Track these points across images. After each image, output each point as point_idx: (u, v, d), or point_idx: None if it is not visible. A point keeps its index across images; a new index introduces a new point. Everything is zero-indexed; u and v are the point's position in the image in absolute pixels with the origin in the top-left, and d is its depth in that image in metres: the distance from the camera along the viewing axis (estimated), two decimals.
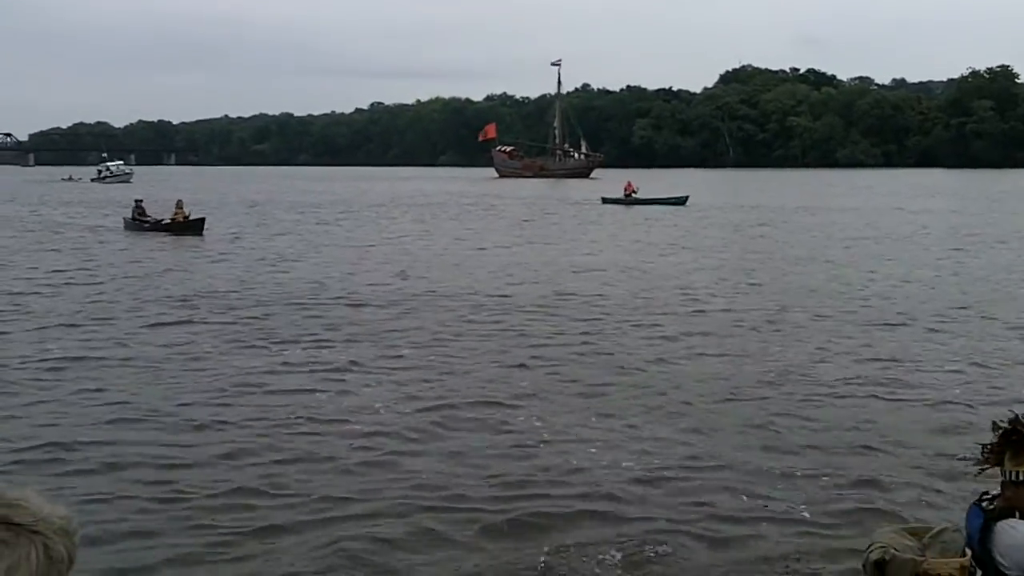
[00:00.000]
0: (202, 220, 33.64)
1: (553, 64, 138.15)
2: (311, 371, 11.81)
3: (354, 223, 39.76)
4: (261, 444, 8.85)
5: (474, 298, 17.89)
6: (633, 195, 51.91)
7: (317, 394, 10.73)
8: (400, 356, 12.72)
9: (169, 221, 33.56)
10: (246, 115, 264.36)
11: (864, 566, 4.41)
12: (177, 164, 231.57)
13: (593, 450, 8.66)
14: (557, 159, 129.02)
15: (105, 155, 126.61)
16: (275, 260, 24.82)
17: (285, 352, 12.93)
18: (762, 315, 15.87)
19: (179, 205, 34.42)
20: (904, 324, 14.88)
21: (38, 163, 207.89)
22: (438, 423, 9.54)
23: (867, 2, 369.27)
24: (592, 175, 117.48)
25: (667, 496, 7.53)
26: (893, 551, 4.29)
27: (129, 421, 9.53)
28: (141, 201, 36.43)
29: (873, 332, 14.22)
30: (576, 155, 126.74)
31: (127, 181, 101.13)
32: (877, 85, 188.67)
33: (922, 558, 4.23)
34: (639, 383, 11.18)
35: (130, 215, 35.78)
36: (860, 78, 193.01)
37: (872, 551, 4.36)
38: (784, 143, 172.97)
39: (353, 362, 12.29)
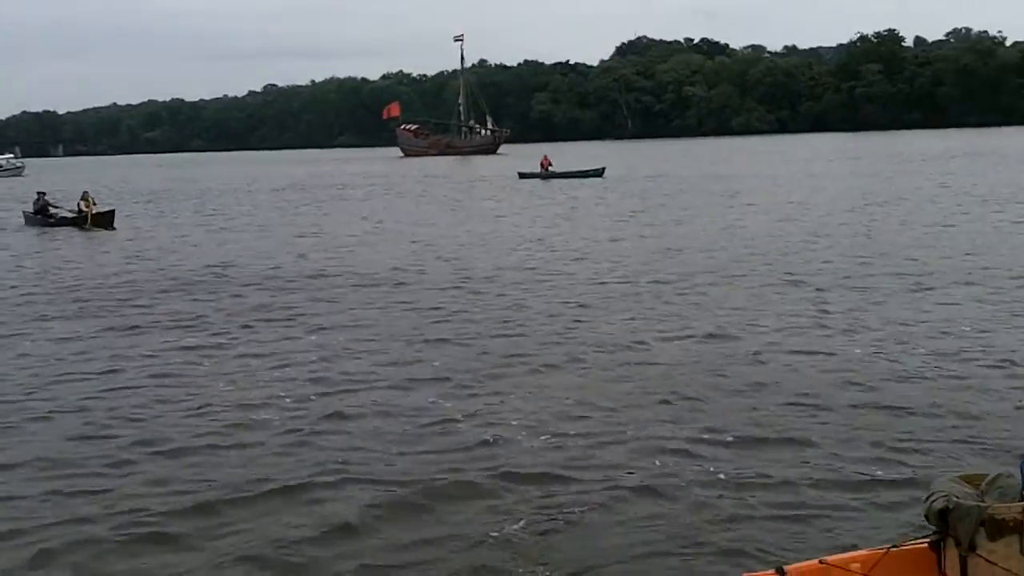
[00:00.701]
0: (112, 212, 32.17)
1: (456, 39, 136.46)
2: (213, 357, 11.55)
3: (272, 208, 38.83)
4: (160, 435, 8.46)
5: (401, 276, 17.79)
6: (550, 169, 51.84)
7: (221, 381, 10.44)
8: (300, 338, 12.48)
9: (76, 214, 31.77)
10: (135, 102, 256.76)
11: (927, 515, 4.31)
12: (65, 155, 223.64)
13: (505, 424, 8.46)
14: (464, 136, 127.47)
15: None
16: (183, 247, 24.42)
17: (190, 339, 12.63)
18: (706, 279, 16.00)
19: (85, 196, 32.44)
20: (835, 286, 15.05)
21: None
22: (350, 405, 9.26)
23: None
24: (499, 151, 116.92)
25: (574, 467, 7.32)
26: (955, 499, 4.21)
27: None
28: (44, 194, 34.05)
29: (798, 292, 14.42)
30: (482, 131, 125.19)
31: (19, 175, 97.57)
32: (769, 53, 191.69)
33: (986, 504, 4.15)
34: (551, 356, 11.02)
35: (31, 209, 33.80)
36: (753, 46, 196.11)
37: (935, 500, 4.28)
38: (681, 113, 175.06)
39: (257, 346, 12.09)
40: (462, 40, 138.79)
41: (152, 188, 58.16)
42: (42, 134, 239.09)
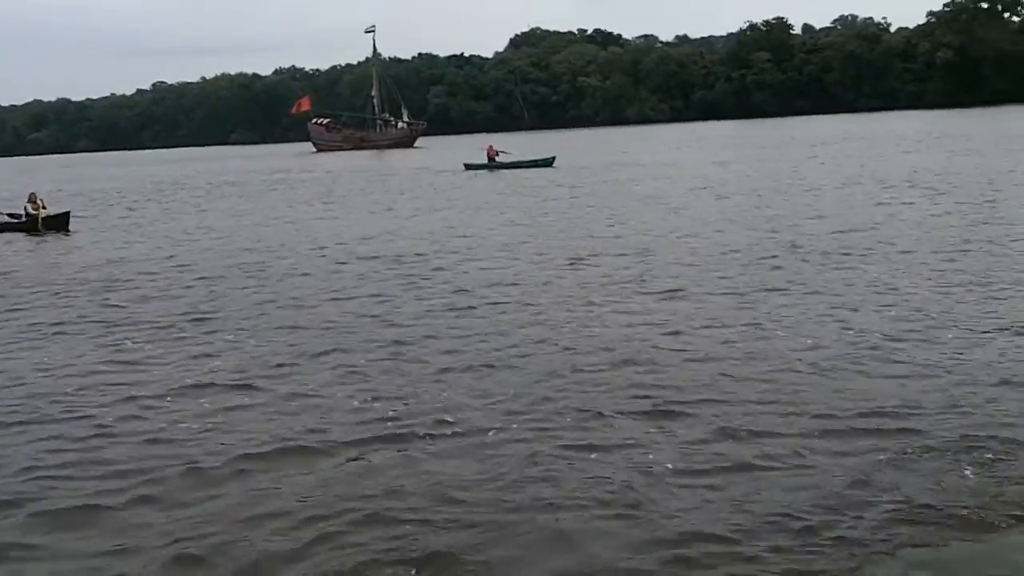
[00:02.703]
0: (67, 214, 29.59)
1: (367, 31, 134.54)
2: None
3: (217, 200, 37.72)
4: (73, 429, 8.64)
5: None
6: (497, 159, 50.81)
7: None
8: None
9: (22, 218, 29.15)
10: (19, 103, 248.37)
11: None
12: None
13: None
14: (379, 129, 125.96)
15: None
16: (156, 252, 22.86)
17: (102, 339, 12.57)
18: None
19: (32, 199, 29.51)
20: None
21: None
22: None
23: None
24: (415, 144, 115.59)
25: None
26: None
27: None
28: None
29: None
30: (398, 124, 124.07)
31: None
32: (662, 43, 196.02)
33: None
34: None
35: None
36: (645, 36, 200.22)
37: None
38: (576, 103, 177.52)
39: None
40: (374, 32, 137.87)
41: (69, 189, 55.29)
42: None
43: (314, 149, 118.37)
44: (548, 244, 19.80)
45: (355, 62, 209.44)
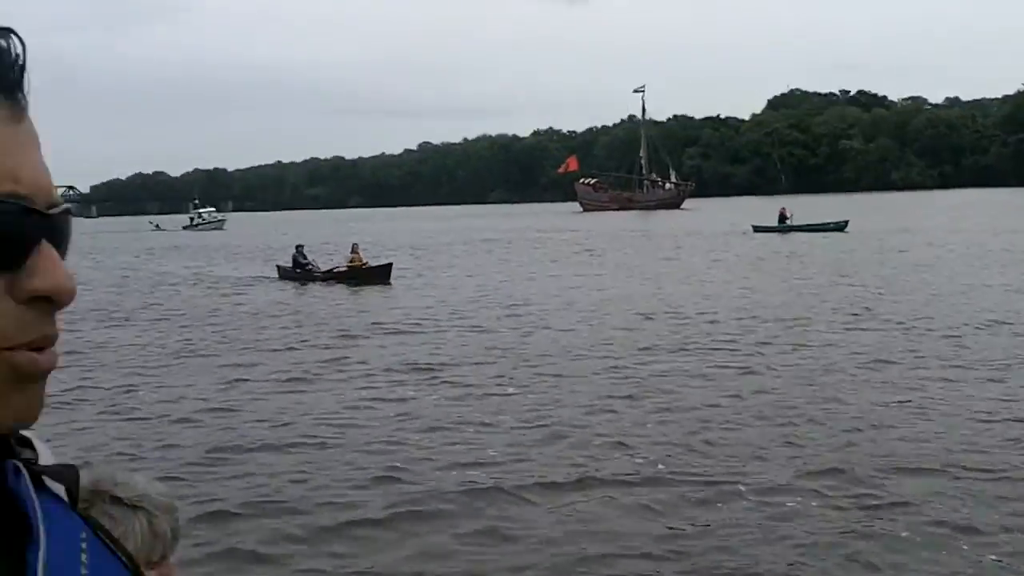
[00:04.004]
0: (389, 265, 30.02)
1: (636, 91, 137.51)
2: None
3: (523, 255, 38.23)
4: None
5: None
6: (787, 221, 49.99)
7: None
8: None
9: (345, 268, 30.24)
10: (298, 160, 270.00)
11: None
12: (234, 211, 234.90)
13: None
14: (645, 189, 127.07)
15: (196, 201, 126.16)
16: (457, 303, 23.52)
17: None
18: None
19: (355, 249, 30.67)
20: None
21: (100, 214, 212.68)
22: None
23: (902, 26, 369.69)
24: (683, 205, 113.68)
25: None
26: None
27: None
28: (303, 247, 32.60)
29: None
30: (666, 184, 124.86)
31: (220, 228, 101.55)
32: (930, 105, 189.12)
33: None
34: None
35: (290, 263, 32.21)
36: (912, 98, 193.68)
37: None
38: (837, 167, 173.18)
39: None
40: (643, 91, 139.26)
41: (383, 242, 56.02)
42: (214, 191, 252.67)
43: (580, 208, 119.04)
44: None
45: (610, 124, 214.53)
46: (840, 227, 48.60)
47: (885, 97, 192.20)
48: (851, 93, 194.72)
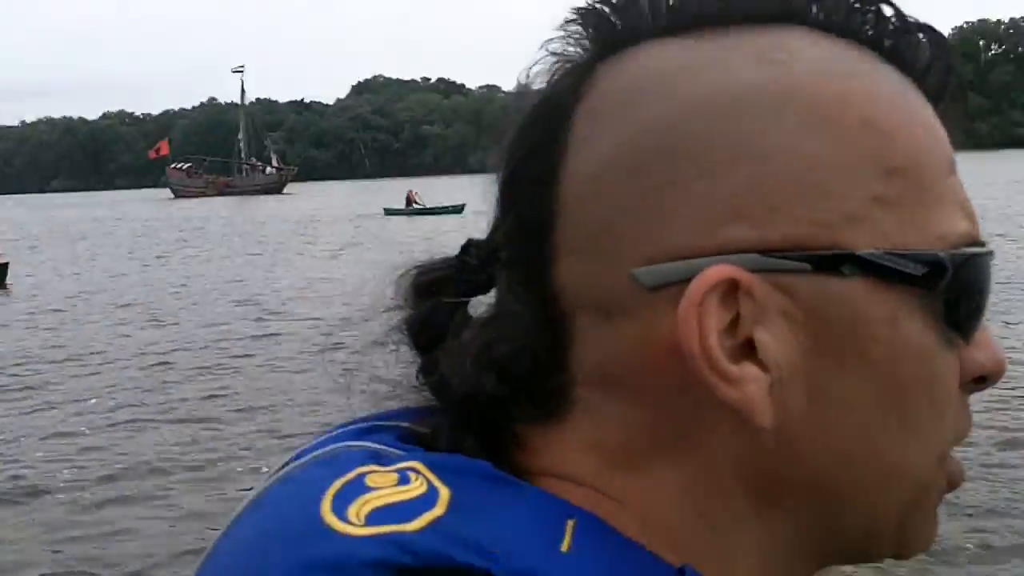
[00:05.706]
0: (5, 265, 23.18)
1: (235, 71, 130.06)
2: None
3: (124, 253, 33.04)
4: None
5: None
6: (415, 205, 49.44)
7: None
8: None
9: None
10: None
11: None
12: None
13: None
14: (245, 174, 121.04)
15: None
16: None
17: None
18: None
19: None
20: None
21: None
22: None
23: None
24: (285, 190, 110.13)
25: None
26: None
27: None
28: None
29: None
30: (266, 169, 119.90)
31: None
32: (504, 92, 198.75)
33: None
34: None
35: None
36: (488, 86, 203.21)
37: None
38: (418, 151, 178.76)
39: None
40: (242, 71, 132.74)
41: None
42: None
43: (172, 195, 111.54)
44: None
45: (189, 107, 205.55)
46: (458, 210, 46.63)
47: (463, 85, 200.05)
48: (431, 80, 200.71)
